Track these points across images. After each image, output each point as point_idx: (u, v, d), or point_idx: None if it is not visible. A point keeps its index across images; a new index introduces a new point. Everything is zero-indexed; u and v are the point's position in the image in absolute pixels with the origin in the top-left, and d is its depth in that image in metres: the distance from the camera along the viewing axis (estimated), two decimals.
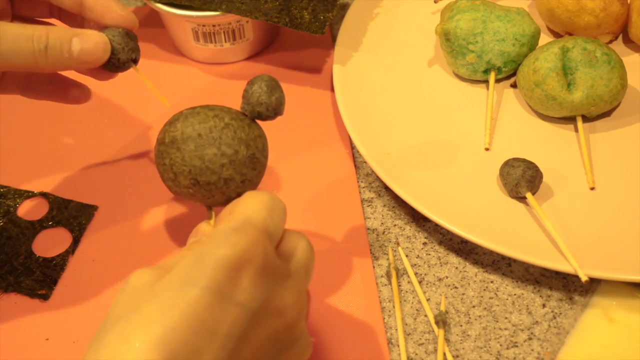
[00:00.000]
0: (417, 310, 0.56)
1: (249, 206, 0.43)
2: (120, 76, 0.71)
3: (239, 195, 0.48)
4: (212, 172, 0.46)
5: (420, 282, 0.57)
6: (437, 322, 0.54)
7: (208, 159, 0.46)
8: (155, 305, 0.39)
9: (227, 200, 0.48)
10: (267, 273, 0.41)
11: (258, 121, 0.49)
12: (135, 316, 0.39)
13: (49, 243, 0.60)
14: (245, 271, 0.40)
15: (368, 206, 0.62)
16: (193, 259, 0.40)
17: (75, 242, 0.60)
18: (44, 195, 0.63)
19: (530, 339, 0.54)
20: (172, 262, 0.43)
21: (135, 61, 0.53)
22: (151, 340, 0.38)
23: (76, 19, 0.56)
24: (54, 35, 0.49)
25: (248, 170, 0.47)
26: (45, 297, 0.57)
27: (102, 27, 0.52)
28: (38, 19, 0.57)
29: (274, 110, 0.49)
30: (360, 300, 0.56)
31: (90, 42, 0.50)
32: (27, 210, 0.62)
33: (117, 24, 0.52)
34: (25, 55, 0.48)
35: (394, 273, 0.57)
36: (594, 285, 0.56)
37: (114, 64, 0.52)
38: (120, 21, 0.52)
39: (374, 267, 0.58)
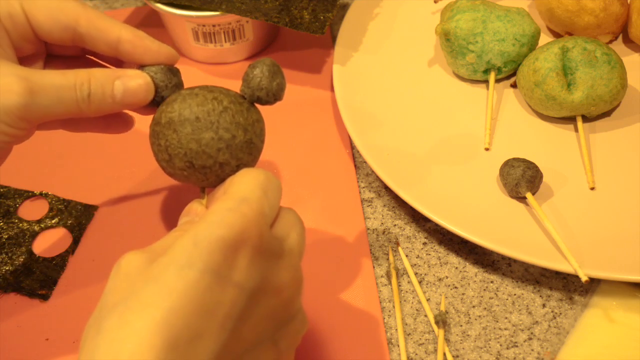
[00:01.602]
0: (417, 310, 0.56)
1: (244, 185, 0.43)
2: None
3: None
4: (208, 156, 0.46)
5: (420, 282, 0.57)
6: (437, 322, 0.54)
7: (205, 143, 0.46)
8: (153, 289, 0.39)
9: (221, 182, 0.47)
10: (263, 253, 0.41)
11: (257, 105, 0.49)
12: (133, 301, 0.39)
13: (49, 243, 0.60)
14: (241, 252, 0.40)
15: (368, 206, 0.62)
16: (188, 241, 0.40)
17: (75, 242, 0.60)
18: (44, 195, 0.63)
19: (530, 339, 0.54)
20: (164, 244, 0.43)
21: None
22: (152, 324, 0.38)
23: (112, 59, 0.54)
24: (95, 81, 0.48)
25: (244, 155, 0.47)
26: (45, 297, 0.57)
27: (140, 65, 0.51)
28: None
29: (274, 96, 0.48)
30: (360, 300, 0.56)
31: (133, 84, 0.49)
32: (27, 210, 0.62)
33: (158, 62, 0.50)
34: (68, 105, 0.48)
35: (394, 273, 0.57)
36: (594, 285, 0.56)
37: (158, 102, 0.49)
38: (161, 59, 0.51)
39: (374, 267, 0.58)
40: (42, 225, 0.61)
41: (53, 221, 0.61)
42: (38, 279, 0.58)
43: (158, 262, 0.40)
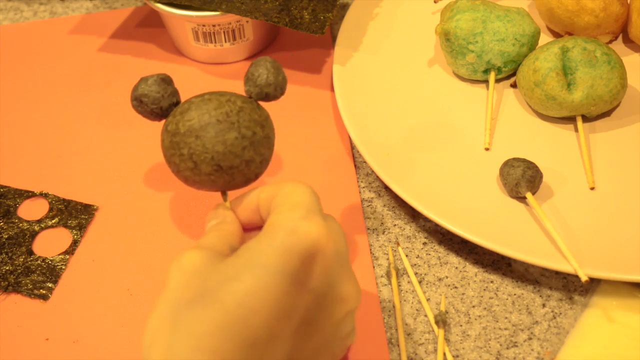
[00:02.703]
0: (417, 310, 0.56)
1: (303, 196, 0.44)
2: (119, 76, 0.72)
3: (257, 175, 0.49)
4: (235, 155, 0.47)
5: (420, 282, 0.57)
6: (437, 322, 0.54)
7: (230, 143, 0.47)
8: (232, 289, 0.40)
9: (246, 182, 0.49)
10: (335, 261, 0.42)
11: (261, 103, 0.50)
12: (211, 298, 0.40)
13: (49, 243, 0.60)
14: (317, 259, 0.42)
15: (368, 206, 0.62)
16: (265, 245, 0.41)
17: (75, 242, 0.60)
18: (44, 195, 0.63)
19: (530, 339, 0.54)
20: (216, 241, 0.44)
21: (177, 104, 0.50)
22: (232, 322, 0.39)
23: None
24: None
25: (265, 150, 0.49)
26: (45, 297, 0.57)
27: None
28: None
29: (281, 90, 0.50)
30: (361, 301, 0.56)
31: None
32: (27, 210, 0.62)
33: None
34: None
35: (394, 273, 0.57)
36: (594, 285, 0.56)
37: (158, 113, 0.49)
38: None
39: (374, 267, 0.58)
40: (42, 225, 0.61)
41: (53, 221, 0.61)
42: (38, 279, 0.58)
43: (232, 262, 0.41)
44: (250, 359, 0.39)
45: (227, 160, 0.47)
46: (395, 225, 0.61)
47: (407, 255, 0.59)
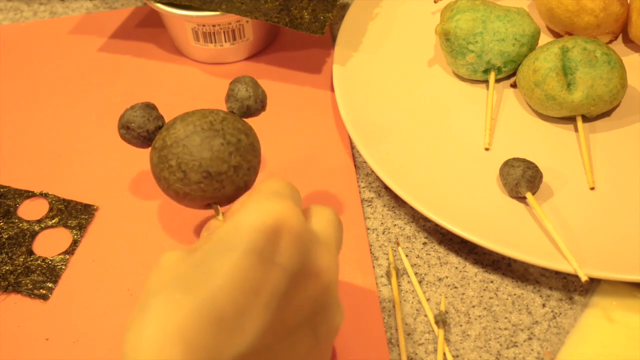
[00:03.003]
0: (417, 310, 0.56)
1: (273, 183, 0.45)
2: (119, 76, 0.72)
3: (246, 184, 0.50)
4: (222, 161, 0.48)
5: (420, 282, 0.57)
6: (437, 322, 0.54)
7: (217, 149, 0.48)
8: (198, 272, 0.41)
9: (236, 191, 0.50)
10: (302, 236, 0.43)
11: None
12: (178, 282, 0.41)
13: (49, 243, 0.60)
14: (282, 234, 0.42)
15: (368, 206, 0.62)
16: (230, 227, 0.42)
17: (75, 242, 0.60)
18: (44, 195, 0.63)
19: (530, 338, 0.54)
20: (199, 244, 0.45)
21: (161, 127, 0.52)
22: (198, 301, 0.40)
23: None
24: None
25: (252, 157, 0.50)
26: (45, 297, 0.57)
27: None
28: None
29: (262, 103, 0.52)
30: (360, 300, 0.56)
31: None
32: (27, 210, 0.62)
33: None
34: None
35: (394, 273, 0.57)
36: (594, 285, 0.56)
37: (145, 137, 0.51)
38: None
39: (374, 267, 0.58)
40: (42, 225, 0.61)
41: (53, 221, 0.61)
42: (38, 279, 0.58)
43: (201, 249, 0.42)
44: (218, 335, 0.40)
45: (214, 165, 0.48)
46: (395, 225, 0.61)
47: (407, 255, 0.59)
